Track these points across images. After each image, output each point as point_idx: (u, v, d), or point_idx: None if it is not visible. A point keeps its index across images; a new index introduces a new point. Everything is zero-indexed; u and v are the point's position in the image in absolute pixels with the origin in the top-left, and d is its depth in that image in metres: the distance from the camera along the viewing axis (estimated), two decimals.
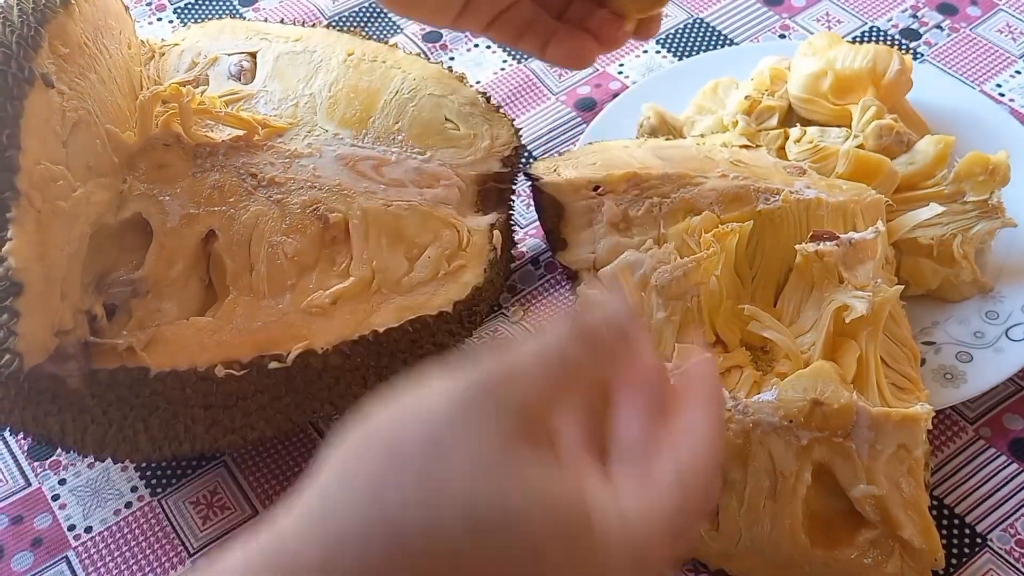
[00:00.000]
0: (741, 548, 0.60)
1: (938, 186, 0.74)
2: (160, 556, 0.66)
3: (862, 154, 0.72)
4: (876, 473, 0.58)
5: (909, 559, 0.58)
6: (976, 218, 0.73)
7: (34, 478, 0.70)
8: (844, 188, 0.69)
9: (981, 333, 0.71)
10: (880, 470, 0.58)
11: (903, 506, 0.58)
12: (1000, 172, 0.73)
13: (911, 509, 0.58)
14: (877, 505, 0.58)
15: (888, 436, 0.58)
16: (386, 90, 0.73)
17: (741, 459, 0.59)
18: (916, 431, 0.58)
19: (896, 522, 0.58)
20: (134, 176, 0.63)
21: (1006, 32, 0.95)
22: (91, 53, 0.63)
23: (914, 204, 0.73)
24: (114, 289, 0.59)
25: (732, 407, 0.59)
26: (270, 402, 0.59)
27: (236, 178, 0.65)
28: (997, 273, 0.75)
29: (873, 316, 0.62)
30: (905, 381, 0.63)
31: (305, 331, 0.60)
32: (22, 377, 0.54)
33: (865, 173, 0.72)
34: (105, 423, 0.58)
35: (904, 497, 0.58)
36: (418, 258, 0.64)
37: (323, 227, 0.64)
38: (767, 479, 0.59)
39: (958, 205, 0.73)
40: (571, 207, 0.70)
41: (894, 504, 0.58)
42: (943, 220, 0.72)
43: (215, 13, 1.04)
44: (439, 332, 0.63)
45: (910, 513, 0.58)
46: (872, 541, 0.59)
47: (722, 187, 0.68)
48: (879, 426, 0.58)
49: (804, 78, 0.79)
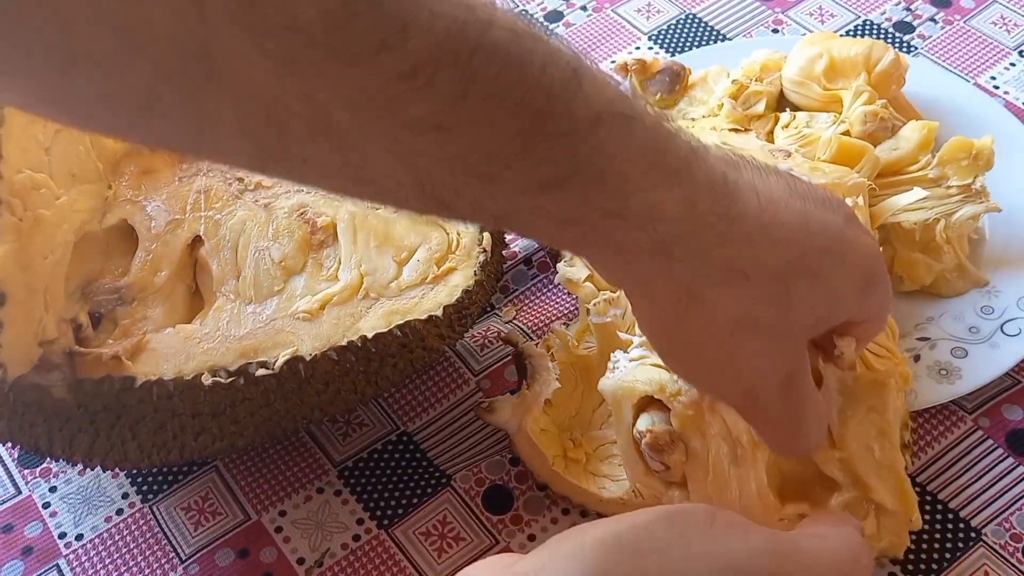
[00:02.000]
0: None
1: (922, 171, 0.74)
2: (152, 562, 0.66)
3: (845, 140, 0.73)
4: (846, 437, 0.57)
5: (885, 521, 0.58)
6: (960, 203, 0.72)
7: (24, 486, 0.70)
8: (827, 171, 0.69)
9: (976, 328, 0.71)
10: (850, 434, 0.57)
11: (875, 468, 0.57)
12: (983, 156, 0.72)
13: (884, 471, 0.57)
14: (847, 469, 0.58)
15: (857, 400, 0.57)
16: None
17: (698, 428, 0.59)
18: (885, 394, 0.57)
19: (867, 485, 0.57)
20: (119, 182, 0.63)
21: (1000, 24, 0.94)
22: None
23: (898, 189, 0.73)
24: (99, 297, 0.59)
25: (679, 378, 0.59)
26: (258, 409, 0.58)
27: (222, 182, 0.65)
28: (993, 268, 0.74)
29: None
30: (882, 350, 0.63)
31: (292, 337, 0.59)
32: (7, 388, 0.54)
33: (848, 158, 0.72)
34: (92, 432, 0.57)
35: (876, 459, 0.57)
36: (407, 261, 0.63)
37: (311, 231, 0.64)
38: (726, 445, 0.58)
39: (942, 190, 0.73)
40: None
41: (865, 467, 0.57)
42: (927, 205, 0.72)
43: None
44: (429, 336, 0.62)
45: (883, 475, 0.57)
46: (846, 504, 0.58)
47: None
48: (847, 390, 0.57)
49: (800, 61, 0.80)
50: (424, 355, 0.63)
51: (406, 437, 0.71)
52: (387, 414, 0.72)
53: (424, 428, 0.72)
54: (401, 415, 0.72)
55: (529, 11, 1.00)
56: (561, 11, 1.00)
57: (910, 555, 0.63)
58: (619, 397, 0.61)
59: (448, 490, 0.68)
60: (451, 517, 0.67)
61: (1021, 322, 0.70)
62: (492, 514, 0.67)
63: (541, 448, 0.64)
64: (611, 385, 0.61)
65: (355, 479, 0.69)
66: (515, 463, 0.69)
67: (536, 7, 1.01)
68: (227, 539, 0.67)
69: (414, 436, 0.71)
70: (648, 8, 0.99)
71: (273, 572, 0.65)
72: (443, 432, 0.71)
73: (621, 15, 0.99)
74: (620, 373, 0.61)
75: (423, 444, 0.71)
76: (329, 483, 0.69)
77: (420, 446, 0.71)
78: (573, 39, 0.98)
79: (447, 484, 0.69)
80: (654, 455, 0.60)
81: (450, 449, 0.70)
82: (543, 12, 1.00)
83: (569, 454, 0.65)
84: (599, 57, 0.96)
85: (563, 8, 1.00)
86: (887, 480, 0.58)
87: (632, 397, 0.60)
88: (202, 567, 0.66)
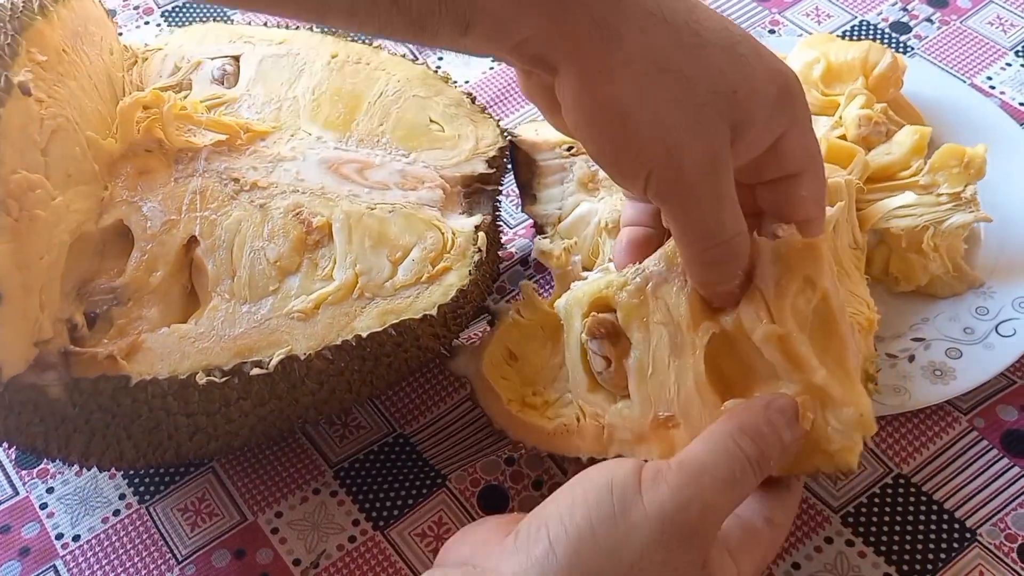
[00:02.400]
0: (653, 425, 0.58)
1: (914, 176, 0.74)
2: (148, 563, 0.66)
3: (835, 142, 0.73)
4: (783, 312, 0.54)
5: (832, 418, 0.54)
6: (950, 211, 0.72)
7: (22, 487, 0.70)
8: None
9: (971, 329, 0.71)
10: (787, 308, 0.54)
11: (817, 349, 0.54)
12: (975, 165, 0.72)
13: (827, 348, 0.54)
14: (784, 349, 0.54)
15: (792, 269, 0.54)
16: (370, 92, 0.72)
17: (640, 318, 0.58)
18: (819, 260, 0.54)
19: (806, 365, 0.54)
20: (115, 183, 0.63)
21: (996, 24, 0.94)
22: (70, 60, 0.63)
23: (890, 193, 0.73)
24: (95, 297, 0.59)
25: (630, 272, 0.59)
26: (253, 408, 0.59)
27: (218, 183, 0.65)
28: (990, 269, 0.74)
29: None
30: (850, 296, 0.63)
31: (287, 336, 0.59)
32: (2, 387, 0.54)
33: (838, 161, 0.72)
34: (88, 432, 0.57)
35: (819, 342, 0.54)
36: (402, 261, 0.64)
37: (306, 231, 0.64)
38: (667, 332, 0.57)
39: (932, 197, 0.73)
40: (544, 164, 0.73)
41: (802, 344, 0.54)
42: (916, 212, 0.72)
43: (202, 16, 1.03)
44: (423, 335, 0.62)
45: (826, 353, 0.54)
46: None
47: None
48: (782, 258, 0.54)
49: (797, 65, 0.80)
50: (419, 354, 0.63)
51: (402, 439, 0.71)
52: (383, 416, 0.72)
53: (420, 431, 0.72)
54: (398, 417, 0.72)
55: None
56: None
57: (905, 555, 0.63)
58: (570, 308, 0.61)
59: (443, 491, 0.68)
60: (447, 518, 0.67)
61: (1016, 323, 0.70)
62: (487, 514, 0.67)
63: (500, 392, 0.65)
64: (562, 301, 0.62)
65: (351, 480, 0.69)
66: (510, 463, 0.69)
67: None
68: (223, 540, 0.67)
69: (410, 438, 0.71)
70: None
71: (269, 573, 0.65)
72: (439, 434, 0.71)
73: None
74: (573, 288, 0.62)
75: (419, 446, 0.71)
76: (325, 484, 0.69)
77: (416, 448, 0.71)
78: None
79: (442, 485, 0.69)
80: (596, 347, 0.60)
81: (446, 450, 0.71)
82: None
83: (527, 400, 0.65)
84: None
85: None
86: (829, 358, 0.54)
87: (582, 305, 0.61)
88: (199, 568, 0.66)
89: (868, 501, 0.66)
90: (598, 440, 0.62)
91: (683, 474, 0.49)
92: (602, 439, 0.61)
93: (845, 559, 0.64)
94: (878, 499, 0.66)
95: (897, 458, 0.68)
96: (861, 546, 0.64)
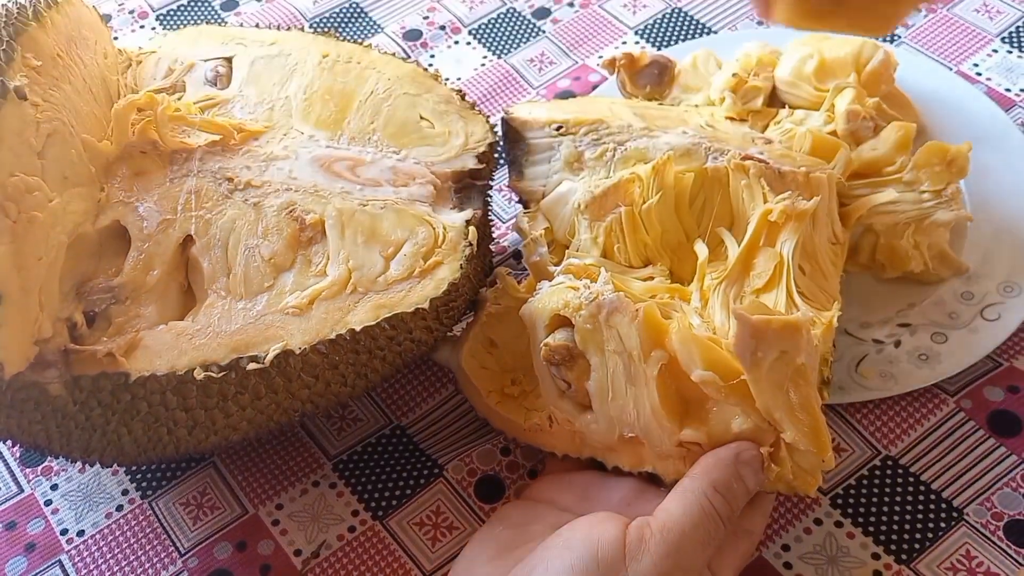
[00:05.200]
0: (620, 439, 0.62)
1: (898, 173, 0.74)
2: (152, 557, 0.68)
3: (819, 136, 0.74)
4: (759, 382, 0.56)
5: (797, 459, 0.57)
6: (933, 207, 0.73)
7: (27, 484, 0.72)
8: (798, 160, 0.71)
9: (956, 314, 0.72)
10: (763, 378, 0.56)
11: (788, 411, 0.56)
12: (958, 164, 0.73)
13: (800, 412, 0.57)
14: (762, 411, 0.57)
15: (768, 344, 0.56)
16: (361, 90, 0.73)
17: (597, 344, 0.61)
18: (798, 338, 0.56)
19: (780, 425, 0.57)
20: (111, 184, 0.64)
21: (983, 11, 0.95)
22: (65, 64, 0.64)
23: (875, 189, 0.74)
24: (93, 296, 0.60)
25: (583, 294, 0.61)
26: (250, 403, 0.60)
27: (212, 183, 0.66)
28: (976, 255, 0.75)
29: (796, 215, 0.64)
30: (821, 294, 0.64)
31: (282, 331, 0.60)
32: (3, 386, 0.55)
33: (823, 154, 0.73)
34: (89, 428, 0.59)
35: (790, 401, 0.57)
36: (394, 256, 0.65)
37: (299, 228, 0.65)
38: (621, 361, 0.60)
39: (915, 194, 0.74)
40: (534, 142, 0.75)
41: (777, 408, 0.56)
42: (899, 208, 0.73)
43: (196, 19, 1.05)
44: (416, 328, 0.63)
45: (797, 417, 0.57)
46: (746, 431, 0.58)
47: (676, 142, 0.70)
48: (760, 334, 0.55)
49: (791, 61, 0.81)
50: (412, 347, 0.64)
51: (399, 431, 0.72)
52: (380, 408, 0.74)
53: (417, 422, 0.73)
54: (394, 409, 0.74)
55: (517, 8, 1.01)
56: (548, 8, 1.01)
57: (893, 535, 0.64)
58: (533, 318, 0.64)
59: (441, 481, 0.70)
60: (444, 507, 0.68)
61: (1000, 307, 0.71)
62: (484, 503, 0.69)
63: (478, 384, 0.67)
64: (527, 308, 0.64)
65: (350, 472, 0.70)
66: (506, 453, 0.70)
67: (524, 4, 1.02)
68: (225, 533, 0.68)
69: (407, 430, 0.72)
70: (634, 3, 1.01)
71: (271, 564, 0.66)
72: (436, 425, 0.73)
73: (608, 11, 1.00)
74: (536, 297, 0.64)
75: (416, 437, 0.72)
76: (324, 476, 0.70)
77: (413, 439, 0.72)
78: (561, 35, 0.99)
79: (440, 475, 0.70)
80: (554, 371, 0.62)
81: (442, 440, 0.72)
82: (531, 9, 1.01)
83: (506, 391, 0.67)
84: (587, 52, 0.97)
85: (550, 5, 1.01)
86: (801, 421, 0.57)
87: (544, 317, 0.63)
88: (201, 560, 0.67)
89: (856, 483, 0.67)
90: (571, 442, 0.64)
91: (664, 544, 0.54)
92: (575, 442, 0.64)
93: (834, 540, 0.65)
94: (866, 481, 0.67)
95: (885, 440, 0.69)
96: (850, 527, 0.65)
